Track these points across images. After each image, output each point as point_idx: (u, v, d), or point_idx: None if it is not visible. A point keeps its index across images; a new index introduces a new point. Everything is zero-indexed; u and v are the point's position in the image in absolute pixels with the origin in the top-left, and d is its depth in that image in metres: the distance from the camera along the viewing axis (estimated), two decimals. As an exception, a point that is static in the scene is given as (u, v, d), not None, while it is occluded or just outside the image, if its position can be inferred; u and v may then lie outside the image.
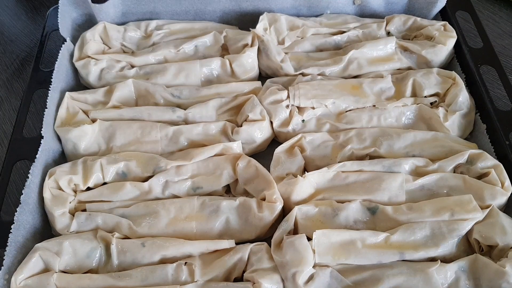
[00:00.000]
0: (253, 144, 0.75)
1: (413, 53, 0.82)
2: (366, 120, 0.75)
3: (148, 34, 0.88)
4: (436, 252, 0.60)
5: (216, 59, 0.82)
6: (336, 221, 0.64)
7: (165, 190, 0.69)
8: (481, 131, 0.74)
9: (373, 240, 0.60)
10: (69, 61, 0.83)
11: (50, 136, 0.73)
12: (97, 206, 0.67)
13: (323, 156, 0.72)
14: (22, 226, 0.63)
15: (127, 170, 0.70)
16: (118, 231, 0.65)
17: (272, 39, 0.84)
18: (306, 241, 0.60)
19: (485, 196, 0.64)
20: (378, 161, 0.68)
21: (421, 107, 0.75)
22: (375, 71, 0.81)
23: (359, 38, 0.86)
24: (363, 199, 0.65)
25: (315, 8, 0.91)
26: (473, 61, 0.79)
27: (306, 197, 0.67)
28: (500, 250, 0.59)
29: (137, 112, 0.76)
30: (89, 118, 0.76)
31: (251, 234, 0.66)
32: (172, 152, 0.74)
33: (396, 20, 0.87)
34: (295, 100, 0.76)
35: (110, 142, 0.74)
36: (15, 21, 1.06)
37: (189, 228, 0.65)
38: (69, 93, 0.77)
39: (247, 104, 0.75)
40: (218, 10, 0.91)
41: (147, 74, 0.82)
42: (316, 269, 0.59)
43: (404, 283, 0.57)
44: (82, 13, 0.90)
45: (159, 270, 0.60)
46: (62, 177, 0.67)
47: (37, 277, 0.59)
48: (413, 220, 0.62)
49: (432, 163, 0.68)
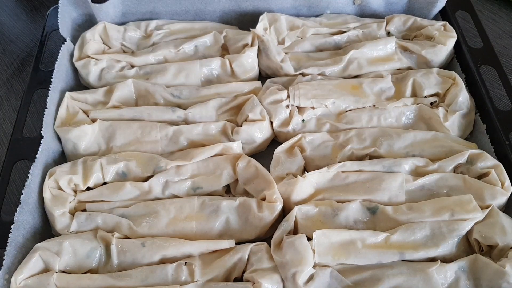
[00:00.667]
0: (253, 144, 0.75)
1: (413, 53, 0.82)
2: (366, 120, 0.75)
3: (148, 34, 0.88)
4: (436, 252, 0.60)
5: (216, 59, 0.82)
6: (336, 221, 0.63)
7: (165, 190, 0.69)
8: (481, 131, 0.74)
9: (373, 240, 0.60)
10: (69, 61, 0.83)
11: (50, 136, 0.73)
12: (97, 206, 0.67)
13: (323, 156, 0.72)
14: (22, 226, 0.63)
15: (127, 170, 0.70)
16: (118, 231, 0.65)
17: (272, 39, 0.84)
18: (306, 241, 0.60)
19: (485, 196, 0.64)
20: (378, 161, 0.68)
21: (421, 107, 0.75)
22: (375, 71, 0.81)
23: (359, 38, 0.86)
24: (363, 199, 0.65)
25: (315, 8, 0.91)
26: (473, 61, 0.79)
27: (306, 197, 0.67)
28: (500, 250, 0.59)
29: (137, 112, 0.76)
30: (89, 118, 0.76)
31: (251, 234, 0.66)
32: (172, 152, 0.74)
33: (396, 20, 0.87)
34: (295, 100, 0.76)
35: (110, 142, 0.74)
36: (15, 21, 1.06)
37: (189, 228, 0.65)
38: (69, 93, 0.77)
39: (247, 104, 0.75)
40: (218, 10, 0.91)
41: (147, 74, 0.82)
42: (316, 269, 0.59)
43: (404, 283, 0.57)
44: (82, 13, 0.90)
45: (159, 270, 0.60)
46: (62, 177, 0.67)
47: (37, 277, 0.59)
48: (413, 220, 0.62)
49: (432, 163, 0.68)
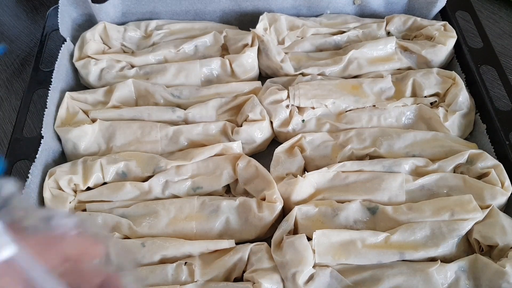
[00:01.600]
0: (253, 144, 0.75)
1: (413, 53, 0.82)
2: (366, 120, 0.75)
3: (148, 34, 0.87)
4: (436, 252, 0.60)
5: (216, 59, 0.82)
6: (336, 221, 0.63)
7: (165, 190, 0.69)
8: (481, 131, 0.74)
9: (373, 240, 0.60)
10: (69, 61, 0.83)
11: (50, 136, 0.73)
12: (97, 206, 0.67)
13: (323, 156, 0.72)
14: (22, 226, 0.63)
15: (127, 170, 0.70)
16: (118, 231, 0.65)
17: (272, 39, 0.84)
18: (306, 241, 0.60)
19: (485, 196, 0.63)
20: (378, 161, 0.68)
21: (421, 107, 0.75)
22: (375, 71, 0.81)
23: (359, 38, 0.86)
24: (363, 199, 0.65)
25: (315, 8, 0.90)
26: (473, 61, 0.79)
27: (306, 197, 0.67)
28: (500, 250, 0.59)
29: (137, 112, 0.76)
30: (89, 118, 0.76)
31: (251, 234, 0.66)
32: (172, 152, 0.74)
33: (396, 20, 0.87)
34: (295, 100, 0.76)
35: (110, 142, 0.74)
36: (15, 21, 1.06)
37: (189, 228, 0.65)
38: (69, 93, 0.77)
39: (247, 104, 0.75)
40: (218, 10, 0.91)
41: (147, 74, 0.82)
42: (316, 269, 0.59)
43: (404, 283, 0.57)
44: (82, 13, 0.90)
45: (159, 270, 0.60)
46: (62, 177, 0.67)
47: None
48: (413, 220, 0.62)
49: (432, 163, 0.68)
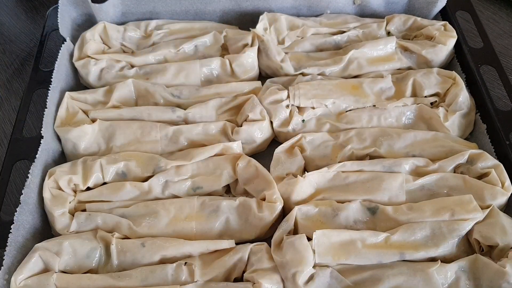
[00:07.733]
0: (253, 144, 0.75)
1: (413, 53, 0.82)
2: (366, 120, 0.75)
3: (148, 34, 0.87)
4: (436, 252, 0.60)
5: (216, 59, 0.82)
6: (336, 221, 0.63)
7: (165, 190, 0.69)
8: (481, 131, 0.74)
9: (373, 240, 0.60)
10: (69, 61, 0.83)
11: (50, 136, 0.73)
12: (97, 206, 0.67)
13: (323, 156, 0.72)
14: (22, 226, 0.63)
15: (127, 170, 0.70)
16: (118, 231, 0.65)
17: (272, 39, 0.84)
18: (306, 241, 0.60)
19: (485, 196, 0.63)
20: (378, 161, 0.68)
21: (421, 107, 0.75)
22: (375, 71, 0.81)
23: (359, 38, 0.86)
24: (363, 199, 0.65)
25: (315, 8, 0.91)
26: (473, 61, 0.79)
27: (306, 197, 0.67)
28: (500, 250, 0.59)
29: (137, 112, 0.76)
30: (89, 118, 0.76)
31: (251, 234, 0.66)
32: (172, 152, 0.74)
33: (396, 20, 0.87)
34: (295, 100, 0.76)
35: (110, 142, 0.74)
36: (15, 21, 1.06)
37: (189, 228, 0.65)
38: (69, 93, 0.77)
39: (247, 104, 0.75)
40: (218, 10, 0.91)
41: (147, 74, 0.82)
42: (316, 269, 0.59)
43: (404, 283, 0.57)
44: (82, 13, 0.90)
45: (159, 270, 0.60)
46: (62, 177, 0.67)
47: (37, 277, 0.59)
48: (413, 220, 0.62)
49: (432, 163, 0.68)
